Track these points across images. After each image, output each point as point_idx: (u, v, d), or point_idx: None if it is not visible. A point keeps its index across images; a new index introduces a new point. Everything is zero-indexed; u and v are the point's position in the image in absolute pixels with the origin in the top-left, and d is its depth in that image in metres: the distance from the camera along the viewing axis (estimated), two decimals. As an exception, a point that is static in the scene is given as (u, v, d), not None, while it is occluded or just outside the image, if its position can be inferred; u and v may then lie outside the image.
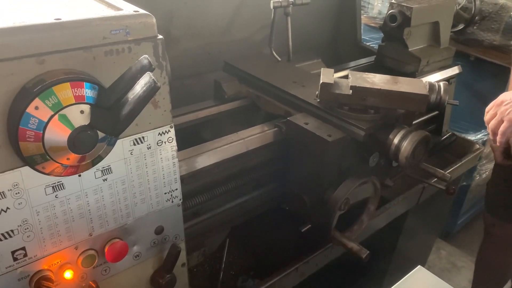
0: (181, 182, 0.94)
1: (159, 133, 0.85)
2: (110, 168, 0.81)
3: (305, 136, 1.20)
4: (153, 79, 0.68)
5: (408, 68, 1.78)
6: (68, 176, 0.75)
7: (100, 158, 0.75)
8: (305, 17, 1.94)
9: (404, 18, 1.69)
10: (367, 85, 1.20)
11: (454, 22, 2.15)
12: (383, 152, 1.23)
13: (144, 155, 0.85)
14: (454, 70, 1.91)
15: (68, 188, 0.77)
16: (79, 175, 0.77)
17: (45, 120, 0.65)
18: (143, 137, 0.83)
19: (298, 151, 1.25)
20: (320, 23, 2.14)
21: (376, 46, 1.98)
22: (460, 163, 1.82)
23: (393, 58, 1.82)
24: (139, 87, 0.68)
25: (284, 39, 1.65)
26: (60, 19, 0.69)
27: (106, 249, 0.86)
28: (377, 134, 1.21)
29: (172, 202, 0.93)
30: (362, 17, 2.33)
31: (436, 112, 1.78)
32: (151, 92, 0.68)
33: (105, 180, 0.81)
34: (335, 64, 1.88)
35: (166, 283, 0.96)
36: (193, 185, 1.14)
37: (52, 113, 0.65)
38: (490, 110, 1.35)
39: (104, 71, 0.73)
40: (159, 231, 0.94)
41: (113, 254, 0.86)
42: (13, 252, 0.75)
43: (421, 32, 1.80)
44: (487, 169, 2.59)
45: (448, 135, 1.77)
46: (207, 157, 1.14)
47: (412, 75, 1.75)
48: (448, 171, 1.52)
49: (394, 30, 1.73)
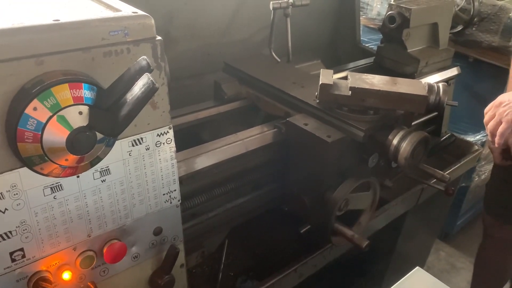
0: (180, 183, 0.94)
1: (158, 134, 0.85)
2: (108, 169, 0.81)
3: (304, 137, 1.20)
4: (151, 80, 0.68)
5: (407, 69, 1.78)
6: (66, 177, 0.75)
7: (98, 159, 0.75)
8: (305, 18, 1.94)
9: (403, 19, 1.69)
10: (366, 86, 1.20)
11: (453, 24, 2.15)
12: (383, 153, 1.24)
13: (143, 156, 0.85)
14: (453, 71, 1.91)
15: (66, 189, 0.77)
16: (78, 176, 0.77)
17: (44, 121, 0.65)
18: (141, 138, 0.83)
19: (298, 152, 1.25)
20: (320, 24, 2.14)
21: (375, 47, 1.98)
22: (459, 164, 1.83)
23: (392, 59, 1.82)
24: (138, 88, 0.68)
25: (283, 40, 1.65)
26: (58, 20, 0.69)
27: (104, 250, 0.85)
28: (376, 135, 1.21)
29: (170, 203, 0.93)
30: (361, 18, 2.33)
31: (435, 113, 1.78)
32: (149, 93, 0.68)
33: (104, 181, 0.81)
34: (334, 65, 1.88)
35: (164, 284, 0.96)
36: (192, 186, 1.14)
37: (51, 114, 0.65)
38: (489, 111, 1.35)
39: (103, 72, 0.73)
40: (157, 232, 0.94)
41: (112, 255, 0.86)
42: (11, 253, 0.75)
43: (420, 33, 1.80)
44: (486, 170, 2.60)
45: (447, 136, 1.77)
46: (206, 158, 1.14)
47: (411, 76, 1.75)
48: (447, 172, 1.52)
49: (393, 31, 1.73)
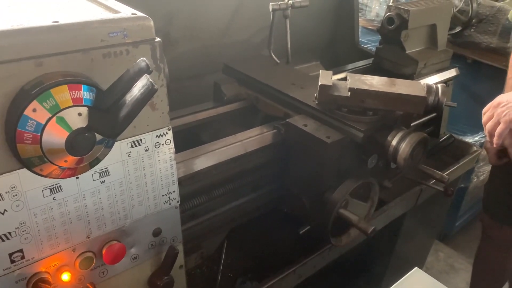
0: (179, 184, 0.94)
1: (157, 135, 0.85)
2: (107, 170, 0.81)
3: (304, 137, 1.20)
4: (150, 82, 0.68)
5: (406, 71, 1.79)
6: (65, 178, 0.75)
7: (97, 160, 0.75)
8: (304, 19, 1.94)
9: (401, 21, 1.70)
10: (366, 87, 1.20)
11: (451, 25, 2.16)
12: (382, 153, 1.24)
13: (142, 157, 0.85)
14: (452, 73, 1.91)
15: (65, 190, 0.77)
16: (77, 177, 0.77)
17: (43, 123, 0.65)
18: (140, 139, 0.83)
19: (297, 152, 1.25)
20: (318, 25, 2.15)
21: (373, 49, 1.99)
22: (458, 165, 1.83)
23: (391, 61, 1.83)
24: (137, 89, 0.69)
25: (282, 41, 1.65)
26: (58, 21, 0.69)
27: (103, 251, 0.85)
28: (375, 135, 1.21)
29: (169, 204, 0.93)
30: (360, 19, 2.34)
31: (434, 114, 1.79)
32: (148, 94, 0.68)
33: (103, 182, 0.81)
34: (333, 66, 1.88)
35: (164, 285, 0.95)
36: (191, 187, 1.14)
37: (50, 115, 0.65)
38: (487, 112, 1.36)
39: (102, 74, 0.73)
40: (156, 233, 0.94)
41: (111, 256, 0.86)
42: (10, 255, 0.75)
43: (419, 34, 1.81)
44: (484, 171, 2.60)
45: (446, 136, 1.78)
46: (205, 159, 1.14)
47: (410, 77, 1.75)
48: (446, 173, 1.52)
49: (391, 32, 1.73)
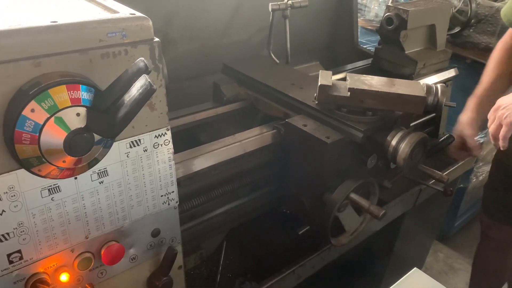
0: (178, 185, 0.94)
1: (156, 136, 0.85)
2: (106, 170, 0.80)
3: (303, 138, 1.20)
4: (149, 82, 0.68)
5: (405, 71, 1.79)
6: (64, 178, 0.74)
7: (96, 161, 0.75)
8: (303, 19, 1.94)
9: (400, 21, 1.70)
10: (365, 87, 1.20)
11: (450, 25, 2.16)
12: (381, 153, 1.24)
13: (141, 157, 0.84)
14: (451, 73, 1.91)
15: (64, 190, 0.77)
16: (75, 178, 0.77)
17: (41, 123, 0.65)
18: (139, 140, 0.83)
19: (297, 153, 1.25)
20: (318, 26, 2.15)
21: (373, 49, 1.98)
22: (457, 165, 1.83)
23: (390, 61, 1.83)
24: (135, 89, 0.68)
25: (282, 41, 1.65)
26: (56, 21, 0.69)
27: (102, 251, 0.85)
28: (375, 136, 1.21)
29: (168, 204, 0.93)
30: (359, 20, 2.33)
31: (433, 114, 1.79)
32: (147, 94, 0.68)
33: (101, 182, 0.81)
34: (332, 66, 1.88)
35: (162, 285, 0.95)
36: (190, 188, 1.14)
37: (48, 115, 0.65)
38: (491, 116, 1.35)
39: (101, 74, 0.73)
40: (155, 233, 0.94)
41: (110, 257, 0.86)
42: (8, 255, 0.75)
43: (418, 35, 1.81)
44: (483, 171, 2.60)
45: (445, 137, 1.78)
46: (204, 159, 1.14)
47: (409, 77, 1.75)
48: (445, 173, 1.52)
49: (390, 32, 1.73)
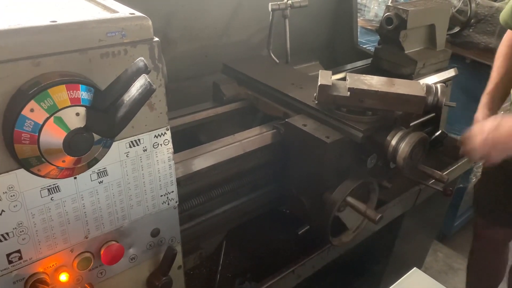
0: (178, 185, 0.94)
1: (155, 136, 0.85)
2: (106, 170, 0.80)
3: (303, 137, 1.20)
4: (148, 82, 0.68)
5: (405, 71, 1.79)
6: (63, 178, 0.74)
7: (95, 161, 0.75)
8: (303, 19, 1.94)
9: (400, 21, 1.70)
10: (365, 87, 1.20)
11: (450, 25, 2.16)
12: (381, 153, 1.24)
13: (140, 157, 0.84)
14: (450, 73, 1.91)
15: (63, 190, 0.77)
16: (75, 178, 0.77)
17: (41, 123, 0.65)
18: (139, 140, 0.83)
19: (297, 152, 1.25)
20: (317, 25, 2.15)
21: (372, 49, 1.99)
22: (457, 165, 1.83)
23: (390, 61, 1.83)
24: (135, 89, 0.68)
25: (281, 41, 1.65)
26: (56, 21, 0.69)
27: (102, 251, 0.85)
28: (375, 135, 1.21)
29: (168, 204, 0.93)
30: (358, 20, 2.34)
31: (432, 114, 1.79)
32: (146, 94, 0.68)
33: (101, 182, 0.81)
34: (332, 66, 1.88)
35: (162, 285, 0.95)
36: (190, 188, 1.13)
37: (48, 115, 0.65)
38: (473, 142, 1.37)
39: (100, 73, 0.73)
40: (155, 233, 0.94)
41: (109, 257, 0.86)
42: (8, 255, 0.75)
43: (417, 34, 1.81)
44: (483, 171, 2.60)
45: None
46: (204, 159, 1.14)
47: (409, 77, 1.75)
48: (444, 173, 1.52)
49: (390, 32, 1.73)
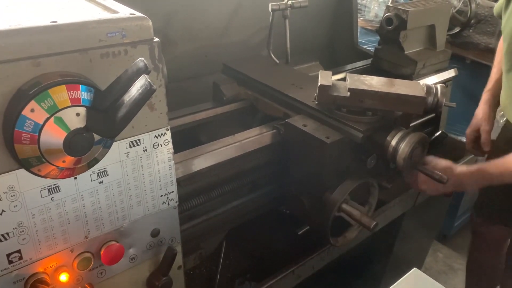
0: (178, 185, 0.94)
1: (155, 136, 0.85)
2: (106, 170, 0.80)
3: (303, 138, 1.20)
4: (148, 82, 0.68)
5: (405, 71, 1.79)
6: (64, 178, 0.74)
7: (96, 161, 0.75)
8: (303, 19, 1.94)
9: (400, 21, 1.70)
10: (365, 87, 1.20)
11: (450, 25, 2.16)
12: (381, 153, 1.24)
13: (140, 157, 0.84)
14: (450, 73, 1.91)
15: (64, 190, 0.77)
16: (75, 178, 0.77)
17: (41, 123, 0.65)
18: (139, 140, 0.83)
19: (297, 153, 1.25)
20: (317, 26, 2.15)
21: (372, 49, 1.99)
22: (457, 166, 1.83)
23: (390, 61, 1.83)
24: (135, 89, 0.68)
25: (281, 41, 1.65)
26: (56, 21, 0.69)
27: (102, 251, 0.85)
28: (375, 136, 1.21)
29: (168, 204, 0.93)
30: (358, 20, 2.34)
31: (432, 114, 1.79)
32: (146, 94, 0.68)
33: (101, 182, 0.81)
34: (332, 66, 1.88)
35: (162, 285, 0.95)
36: (190, 188, 1.13)
37: (48, 115, 0.65)
38: None
39: (100, 74, 0.73)
40: (155, 233, 0.94)
41: (109, 257, 0.86)
42: (8, 255, 0.75)
43: (417, 35, 1.81)
44: (483, 171, 2.59)
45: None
46: (204, 159, 1.14)
47: (409, 78, 1.76)
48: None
49: (390, 33, 1.74)
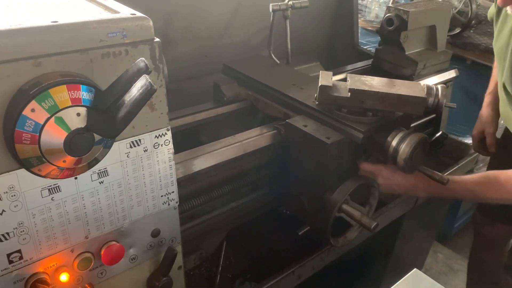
0: (178, 185, 0.94)
1: (156, 136, 0.85)
2: (106, 170, 0.80)
3: (304, 138, 1.20)
4: (149, 82, 0.68)
5: (405, 72, 1.79)
6: (64, 178, 0.74)
7: (96, 161, 0.75)
8: (303, 20, 1.94)
9: (401, 22, 1.70)
10: (366, 88, 1.20)
11: (450, 26, 2.16)
12: (382, 154, 1.24)
13: (141, 157, 0.84)
14: (451, 74, 1.91)
15: (64, 190, 0.77)
16: (76, 178, 0.77)
17: (42, 123, 0.65)
18: (139, 140, 0.83)
19: (297, 153, 1.25)
20: (318, 26, 2.15)
21: (373, 50, 1.99)
22: (457, 166, 1.83)
23: (390, 62, 1.83)
24: (136, 89, 0.68)
25: (282, 42, 1.65)
26: (57, 21, 0.69)
27: (102, 251, 0.85)
28: (375, 136, 1.21)
29: (168, 205, 0.93)
30: (359, 20, 2.34)
31: (433, 115, 1.79)
32: (147, 94, 0.68)
33: (102, 182, 0.81)
34: (332, 67, 1.88)
35: (162, 286, 0.95)
36: (190, 188, 1.13)
37: (49, 115, 0.65)
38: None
39: (101, 74, 0.73)
40: (155, 234, 0.94)
41: (109, 257, 0.86)
42: (8, 255, 0.75)
43: (418, 35, 1.81)
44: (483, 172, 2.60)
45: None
46: (204, 160, 1.14)
47: (409, 78, 1.76)
48: (445, 174, 1.52)
49: (391, 33, 1.74)
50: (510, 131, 1.62)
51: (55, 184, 0.75)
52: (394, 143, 1.18)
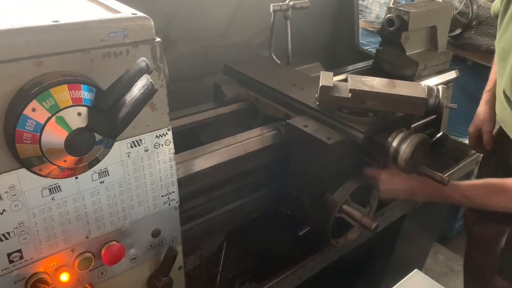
0: (179, 185, 0.94)
1: (157, 136, 0.85)
2: (107, 170, 0.80)
3: (304, 138, 1.20)
4: (150, 82, 0.68)
5: (406, 72, 1.79)
6: (65, 178, 0.74)
7: (97, 161, 0.75)
8: (304, 20, 1.94)
9: (401, 23, 1.70)
10: (366, 88, 1.20)
11: (451, 27, 2.16)
12: (382, 155, 1.24)
13: (141, 157, 0.84)
14: (452, 75, 1.91)
15: (65, 190, 0.77)
16: (76, 178, 0.77)
17: (42, 122, 0.65)
18: (140, 140, 0.83)
19: (297, 153, 1.25)
20: (319, 26, 2.15)
21: (373, 50, 1.99)
22: (458, 167, 1.83)
23: (391, 62, 1.82)
24: (137, 89, 0.68)
25: (283, 42, 1.65)
26: (58, 21, 0.69)
27: (102, 251, 0.85)
28: (376, 137, 1.21)
29: (169, 205, 0.93)
30: (360, 21, 2.34)
31: (433, 116, 1.79)
32: (148, 94, 0.68)
33: (102, 182, 0.81)
34: (333, 67, 1.88)
35: (162, 286, 0.95)
36: (191, 188, 1.13)
37: (49, 115, 0.65)
38: None
39: (102, 73, 0.73)
40: (156, 234, 0.94)
41: (110, 257, 0.86)
42: (9, 255, 0.75)
43: (419, 36, 1.81)
44: (484, 173, 2.59)
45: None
46: (205, 160, 1.14)
47: (410, 79, 1.75)
48: (445, 175, 1.52)
49: (391, 34, 1.74)
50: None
51: (55, 184, 0.75)
52: (395, 143, 1.18)
